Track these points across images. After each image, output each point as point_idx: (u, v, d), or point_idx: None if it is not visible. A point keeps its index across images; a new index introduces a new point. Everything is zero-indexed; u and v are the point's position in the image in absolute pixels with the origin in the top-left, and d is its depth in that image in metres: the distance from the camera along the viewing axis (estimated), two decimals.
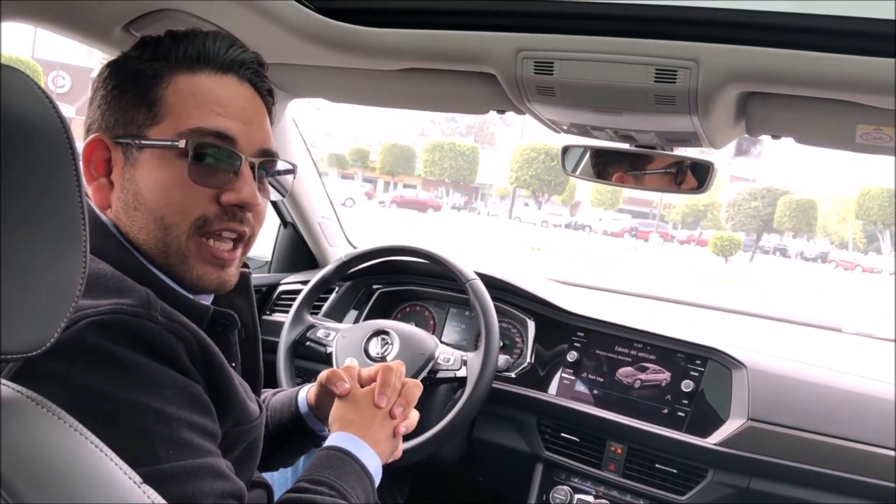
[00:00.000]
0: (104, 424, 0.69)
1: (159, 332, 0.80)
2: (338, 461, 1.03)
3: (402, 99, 1.61)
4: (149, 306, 0.81)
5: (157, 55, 0.90)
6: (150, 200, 0.87)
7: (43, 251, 0.56)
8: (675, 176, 1.44)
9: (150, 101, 0.88)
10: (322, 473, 0.99)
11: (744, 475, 1.57)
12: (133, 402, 0.76)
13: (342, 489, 0.98)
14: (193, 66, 0.90)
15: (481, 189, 38.57)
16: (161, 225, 0.88)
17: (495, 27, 1.15)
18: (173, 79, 0.89)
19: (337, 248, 2.28)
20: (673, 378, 1.70)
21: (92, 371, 0.75)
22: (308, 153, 2.10)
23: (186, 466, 0.78)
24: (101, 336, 0.76)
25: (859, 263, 28.36)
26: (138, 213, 0.88)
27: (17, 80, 0.56)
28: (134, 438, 0.75)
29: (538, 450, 1.80)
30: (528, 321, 1.90)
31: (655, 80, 1.11)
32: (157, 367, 0.80)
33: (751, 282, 18.42)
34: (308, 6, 1.16)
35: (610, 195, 28.63)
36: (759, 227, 27.09)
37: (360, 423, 1.10)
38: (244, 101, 0.93)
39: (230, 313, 0.94)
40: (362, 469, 1.04)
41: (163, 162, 0.87)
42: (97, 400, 0.74)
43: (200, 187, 0.88)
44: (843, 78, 1.01)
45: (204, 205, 0.89)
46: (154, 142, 0.87)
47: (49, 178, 0.56)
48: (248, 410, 0.95)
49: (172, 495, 0.73)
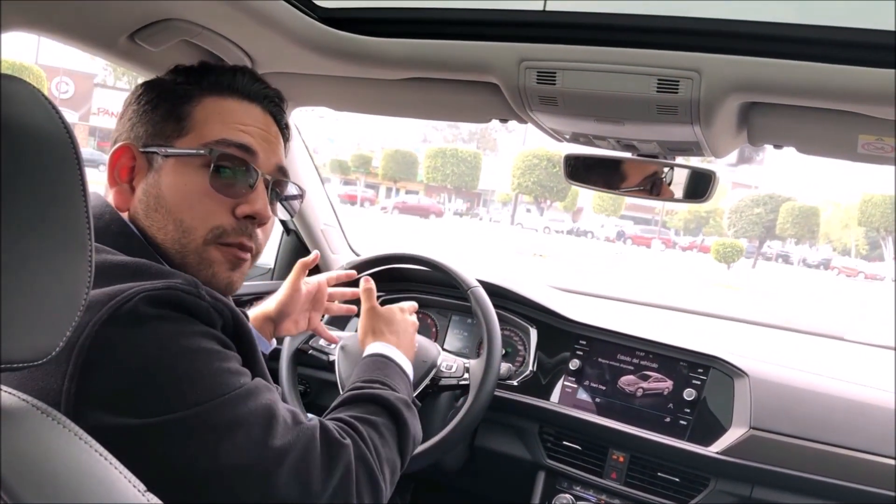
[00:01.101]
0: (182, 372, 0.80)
1: (206, 307, 0.86)
2: (382, 365, 1.22)
3: (406, 108, 1.62)
4: (196, 286, 0.87)
5: (189, 80, 0.99)
6: (170, 203, 0.94)
7: (48, 259, 0.56)
8: (677, 185, 1.44)
9: (179, 116, 0.96)
10: (372, 374, 1.17)
11: (746, 484, 1.57)
12: (193, 348, 0.82)
13: (391, 384, 1.14)
14: (222, 91, 0.99)
15: (483, 195, 38.58)
16: (180, 227, 0.94)
17: (498, 37, 1.16)
18: (202, 99, 0.97)
19: (340, 255, 2.28)
20: (675, 386, 1.70)
21: (151, 331, 0.80)
22: (311, 160, 2.10)
23: (254, 385, 0.87)
24: (156, 306, 0.81)
25: (862, 270, 28.31)
26: (158, 215, 0.95)
27: (22, 89, 0.56)
28: (209, 378, 0.82)
29: (540, 458, 1.80)
30: (530, 329, 1.90)
31: (657, 91, 1.11)
32: (207, 327, 0.86)
33: (753, 289, 18.41)
34: (312, 16, 1.17)
35: (612, 202, 28.62)
36: (762, 234, 27.05)
37: (388, 333, 1.32)
38: (265, 126, 1.02)
39: (244, 310, 1.04)
40: (402, 370, 1.23)
41: (186, 169, 0.94)
42: (170, 353, 0.81)
43: (219, 196, 0.95)
44: (845, 88, 1.01)
45: (221, 215, 0.96)
46: (180, 151, 0.95)
47: (55, 187, 0.57)
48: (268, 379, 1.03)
49: (251, 409, 0.84)
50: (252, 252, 1.02)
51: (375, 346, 1.28)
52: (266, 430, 0.84)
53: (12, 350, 0.53)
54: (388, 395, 1.08)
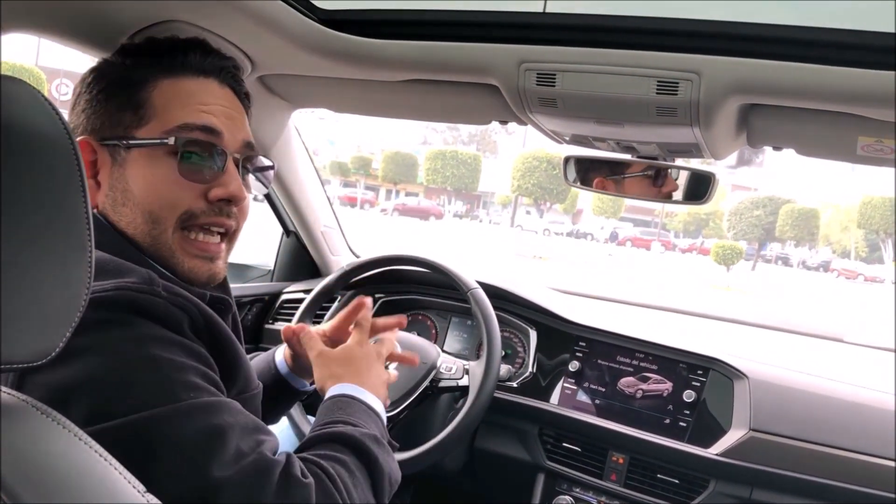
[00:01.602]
0: (124, 380, 0.76)
1: (164, 305, 0.83)
2: (343, 404, 1.04)
3: (406, 109, 1.62)
4: (151, 282, 0.84)
5: (139, 62, 0.95)
6: (138, 196, 0.91)
7: (48, 261, 0.56)
8: (677, 187, 1.45)
9: (137, 104, 0.92)
10: (331, 416, 1.01)
11: (745, 485, 1.57)
12: (147, 355, 0.79)
13: (354, 422, 0.99)
14: (177, 71, 0.94)
15: (483, 197, 38.58)
16: (149, 219, 0.91)
17: (498, 39, 1.16)
18: (158, 82, 0.93)
19: (339, 256, 2.28)
20: (675, 388, 1.70)
21: (103, 336, 0.78)
22: (311, 162, 2.10)
23: (207, 402, 0.80)
24: (108, 309, 0.79)
25: (862, 272, 28.30)
26: (126, 209, 0.92)
27: (22, 91, 0.56)
28: (153, 386, 0.78)
29: (540, 459, 1.80)
30: (529, 330, 1.90)
31: (657, 92, 1.11)
32: (164, 330, 0.82)
33: (752, 291, 18.40)
34: (312, 18, 1.17)
35: (612, 204, 28.60)
36: (761, 236, 27.05)
37: (347, 374, 1.11)
38: (226, 101, 0.98)
39: (225, 298, 0.98)
40: (367, 407, 1.05)
41: (151, 160, 0.91)
42: (113, 360, 0.77)
43: (189, 182, 0.92)
44: (844, 90, 1.02)
45: (191, 200, 0.93)
46: (143, 141, 0.91)
47: (55, 189, 0.57)
48: (252, 377, 1.00)
49: (197, 428, 0.77)
50: (231, 231, 0.99)
51: (334, 389, 1.09)
52: (208, 456, 0.76)
53: (12, 350, 0.53)
54: (352, 432, 0.95)
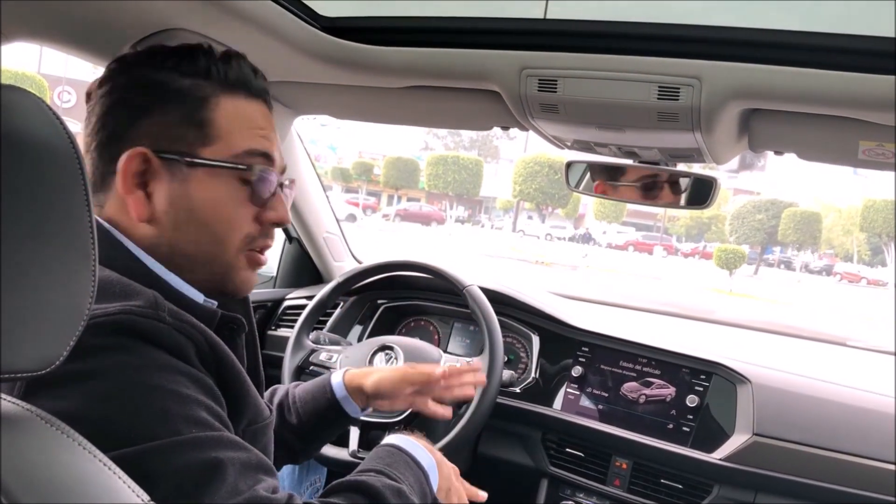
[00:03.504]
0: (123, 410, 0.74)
1: (168, 331, 0.81)
2: (386, 454, 1.06)
3: (407, 116, 1.62)
4: (156, 307, 0.82)
5: (197, 71, 0.92)
6: (205, 216, 0.91)
7: (52, 269, 0.56)
8: (679, 191, 1.45)
9: (200, 122, 0.91)
10: (370, 465, 1.01)
11: (749, 490, 1.57)
12: (150, 384, 0.77)
13: (391, 473, 0.99)
14: (233, 90, 0.94)
15: (485, 202, 38.55)
16: (214, 239, 0.92)
17: (499, 45, 1.16)
18: (219, 101, 0.92)
19: (341, 262, 2.28)
20: (678, 393, 1.69)
21: (104, 362, 0.76)
22: (313, 168, 2.11)
23: (208, 437, 0.79)
24: (110, 334, 0.77)
25: (864, 276, 28.23)
26: (191, 227, 0.91)
27: (25, 99, 0.56)
28: (154, 417, 0.76)
29: (543, 465, 1.80)
30: (532, 336, 1.90)
31: (658, 98, 1.12)
32: (169, 357, 0.81)
33: (754, 294, 18.37)
34: (314, 26, 1.17)
35: (613, 208, 28.49)
36: (764, 240, 26.96)
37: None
38: (272, 125, 0.99)
39: (238, 317, 0.97)
40: (413, 461, 1.06)
41: (218, 181, 0.91)
42: (113, 387, 0.76)
43: (251, 206, 0.94)
44: (845, 95, 1.02)
45: (249, 222, 0.94)
46: (212, 162, 0.90)
47: (59, 197, 0.57)
48: (261, 408, 0.97)
49: (195, 461, 0.76)
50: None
51: (390, 438, 1.12)
52: (202, 489, 0.75)
53: (14, 359, 0.53)
54: (374, 482, 0.95)
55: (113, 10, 1.09)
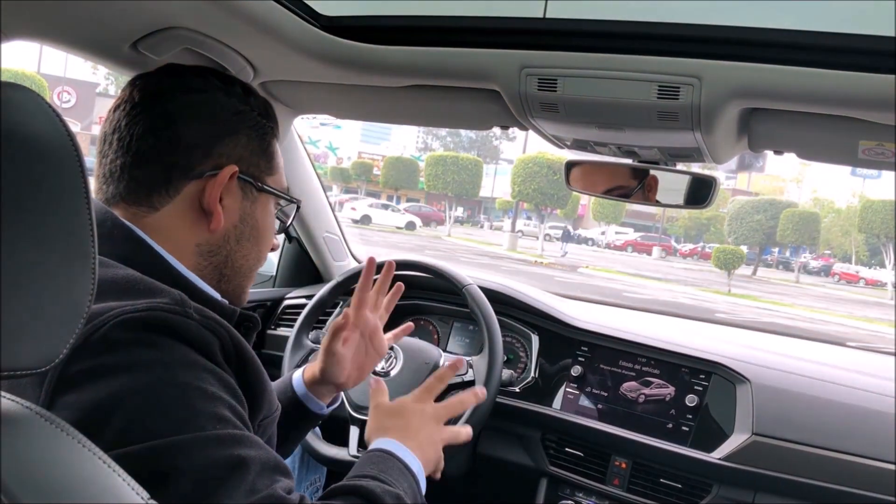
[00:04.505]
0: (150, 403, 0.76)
1: (196, 327, 0.83)
2: (378, 459, 1.05)
3: (407, 115, 1.62)
4: (183, 304, 0.84)
5: (264, 112, 1.03)
6: (260, 236, 1.03)
7: (52, 267, 0.56)
8: (678, 191, 1.45)
9: (269, 154, 1.03)
10: (364, 470, 1.01)
11: (749, 490, 1.57)
12: (177, 381, 0.79)
13: (386, 479, 0.99)
14: (276, 134, 1.06)
15: (484, 203, 38.58)
16: (260, 256, 1.05)
17: (499, 45, 1.16)
18: (273, 140, 1.05)
19: (341, 262, 2.28)
20: (677, 392, 1.69)
21: (133, 357, 0.78)
22: (312, 168, 2.11)
23: (230, 434, 0.80)
24: (140, 329, 0.79)
25: (863, 276, 28.29)
26: (249, 244, 1.02)
27: (25, 97, 0.56)
28: (180, 413, 0.77)
29: (542, 465, 1.80)
30: (531, 335, 1.90)
31: (658, 97, 1.12)
32: (195, 354, 0.82)
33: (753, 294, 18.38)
34: (314, 25, 1.17)
35: (612, 209, 28.50)
36: (762, 241, 26.98)
37: (395, 429, 1.11)
38: None
39: (253, 316, 1.02)
40: (404, 466, 1.05)
41: (270, 207, 1.05)
42: (141, 382, 0.77)
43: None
44: (845, 95, 1.02)
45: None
46: (277, 191, 1.04)
47: (59, 196, 0.57)
48: (274, 400, 1.01)
49: (216, 458, 0.77)
50: None
51: (376, 443, 1.09)
52: (221, 486, 0.76)
53: (14, 357, 0.53)
54: (374, 487, 0.94)
55: (113, 10, 1.09)
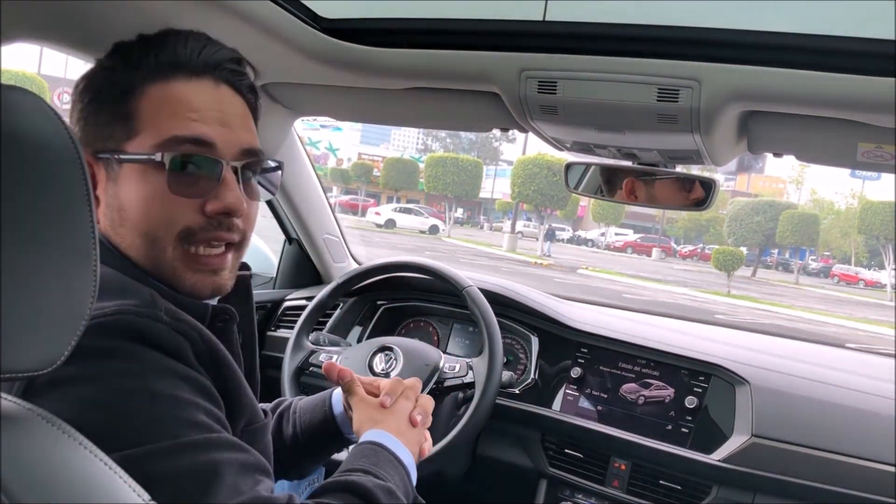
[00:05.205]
0: (120, 414, 0.73)
1: (166, 331, 0.80)
2: (370, 452, 1.01)
3: (407, 117, 1.62)
4: (153, 306, 0.81)
5: (129, 63, 0.88)
6: (133, 216, 0.86)
7: (53, 269, 0.56)
8: (678, 193, 1.45)
9: (125, 115, 0.87)
10: (356, 463, 0.98)
11: (748, 491, 1.57)
12: (148, 390, 0.76)
13: (378, 473, 0.96)
14: (167, 74, 0.87)
15: (484, 204, 38.56)
16: (146, 240, 0.87)
17: (499, 47, 1.16)
18: (146, 89, 0.87)
19: (341, 263, 2.29)
20: (676, 394, 1.69)
21: (102, 366, 0.75)
22: (313, 169, 2.11)
23: (205, 439, 0.78)
24: (108, 336, 0.76)
25: (862, 277, 28.27)
26: (124, 230, 0.87)
27: (26, 99, 0.56)
28: (152, 421, 0.75)
29: (542, 466, 1.80)
30: (531, 337, 1.90)
31: (658, 99, 1.12)
32: (167, 359, 0.79)
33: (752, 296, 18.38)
34: (315, 27, 1.17)
35: (612, 210, 28.47)
36: (762, 242, 26.96)
37: (387, 421, 1.09)
38: (221, 104, 0.90)
39: (228, 307, 0.93)
40: (396, 459, 1.02)
41: (143, 176, 0.86)
42: (110, 392, 0.75)
43: (183, 198, 0.86)
44: (844, 97, 1.02)
45: (188, 216, 0.87)
46: (132, 156, 0.85)
47: (60, 198, 0.57)
48: (257, 408, 0.96)
49: (193, 464, 0.75)
50: (236, 243, 0.93)
51: (368, 434, 1.07)
52: (202, 491, 0.74)
53: (15, 359, 0.53)
54: (366, 482, 0.92)
55: (113, 10, 1.09)
